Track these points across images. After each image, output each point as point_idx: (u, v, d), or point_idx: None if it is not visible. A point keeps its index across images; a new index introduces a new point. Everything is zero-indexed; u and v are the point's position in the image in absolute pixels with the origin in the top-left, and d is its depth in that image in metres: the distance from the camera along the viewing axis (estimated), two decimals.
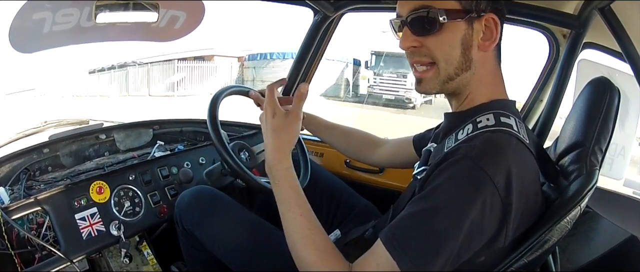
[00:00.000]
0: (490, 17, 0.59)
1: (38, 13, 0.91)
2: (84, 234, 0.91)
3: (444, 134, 0.68)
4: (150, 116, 1.43)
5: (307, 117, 1.10)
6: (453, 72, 0.61)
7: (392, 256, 0.52)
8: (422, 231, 0.52)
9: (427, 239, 0.52)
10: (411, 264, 0.51)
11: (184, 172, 1.16)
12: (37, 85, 10.61)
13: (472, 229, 0.51)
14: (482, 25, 0.60)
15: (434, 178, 0.55)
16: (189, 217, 0.92)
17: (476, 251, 0.53)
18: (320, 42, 1.34)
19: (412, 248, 0.52)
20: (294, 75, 1.38)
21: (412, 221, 0.54)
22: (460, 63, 0.61)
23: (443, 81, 0.62)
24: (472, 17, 0.59)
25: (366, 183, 1.35)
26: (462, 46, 0.60)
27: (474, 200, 0.51)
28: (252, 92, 1.07)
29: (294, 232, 0.62)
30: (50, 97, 10.05)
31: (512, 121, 0.58)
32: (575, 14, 1.02)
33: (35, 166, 1.11)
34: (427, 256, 0.51)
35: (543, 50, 1.23)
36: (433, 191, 0.54)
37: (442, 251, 0.51)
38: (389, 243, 0.53)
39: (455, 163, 0.53)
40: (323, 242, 0.61)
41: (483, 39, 0.60)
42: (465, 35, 0.60)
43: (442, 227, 0.52)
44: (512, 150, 0.54)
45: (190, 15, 1.14)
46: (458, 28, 0.59)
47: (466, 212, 0.51)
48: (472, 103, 0.64)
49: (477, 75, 0.62)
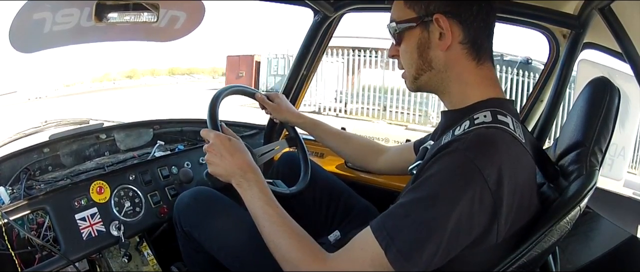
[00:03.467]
0: (438, 17, 0.62)
1: (38, 13, 0.91)
2: (84, 234, 0.91)
3: (442, 131, 0.70)
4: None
5: (312, 123, 1.12)
6: (415, 73, 0.68)
7: (380, 244, 0.53)
8: (410, 220, 0.53)
9: (415, 228, 0.53)
10: (398, 252, 0.52)
11: (184, 172, 1.16)
12: (19, 88, 10.61)
13: (461, 220, 0.51)
14: (436, 27, 0.63)
15: (425, 170, 0.56)
16: (188, 218, 0.92)
17: (467, 246, 0.54)
18: (320, 43, 1.34)
19: (400, 237, 0.53)
20: (294, 77, 1.38)
21: (402, 210, 0.55)
22: (418, 65, 0.66)
23: (412, 81, 0.69)
24: (425, 21, 0.64)
25: (366, 183, 1.35)
26: (418, 49, 0.66)
27: (462, 191, 0.51)
28: (258, 94, 1.08)
29: (272, 228, 0.67)
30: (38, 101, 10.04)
31: (509, 120, 0.59)
32: (575, 14, 1.02)
33: (36, 166, 1.11)
34: (414, 245, 0.52)
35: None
36: (423, 181, 0.55)
37: (430, 241, 0.51)
38: (379, 232, 0.54)
39: (446, 155, 0.54)
40: (302, 233, 0.66)
41: (441, 39, 0.63)
42: (421, 39, 0.65)
43: (430, 216, 0.52)
44: (505, 146, 0.55)
45: (191, 16, 1.14)
46: (413, 34, 0.66)
47: (455, 202, 0.51)
48: (465, 102, 0.65)
49: (452, 74, 0.65)
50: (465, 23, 0.62)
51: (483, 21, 0.63)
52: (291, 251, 0.63)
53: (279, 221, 0.68)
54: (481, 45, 0.64)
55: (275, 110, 1.11)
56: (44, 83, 11.35)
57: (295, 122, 1.13)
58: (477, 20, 0.63)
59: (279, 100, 1.12)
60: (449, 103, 0.68)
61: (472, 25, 0.63)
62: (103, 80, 18.14)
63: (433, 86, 0.68)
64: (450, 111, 0.68)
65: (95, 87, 15.90)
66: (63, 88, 12.94)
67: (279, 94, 1.15)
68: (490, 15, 0.64)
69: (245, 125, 1.51)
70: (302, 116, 1.13)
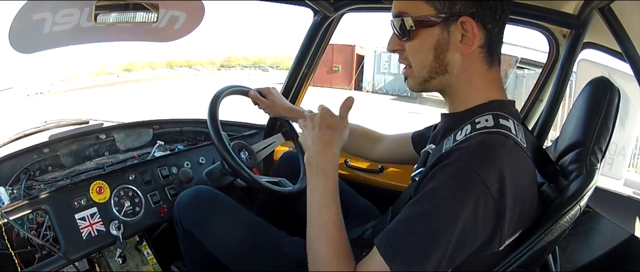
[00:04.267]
0: (465, 20, 0.58)
1: (38, 13, 0.91)
2: (83, 234, 0.91)
3: (443, 135, 0.68)
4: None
5: (304, 115, 1.11)
6: (427, 75, 0.63)
7: (385, 259, 0.53)
8: (414, 234, 0.53)
9: (419, 241, 0.52)
10: (402, 266, 0.52)
11: (183, 172, 1.16)
12: (15, 84, 10.53)
13: (465, 230, 0.51)
14: (459, 28, 0.59)
15: (427, 181, 0.55)
16: (188, 217, 0.92)
17: (470, 254, 0.53)
18: (320, 43, 1.34)
19: (403, 250, 0.52)
20: (294, 76, 1.38)
21: (405, 224, 0.55)
22: (433, 67, 0.62)
23: (420, 82, 0.64)
24: (447, 20, 0.59)
25: (366, 183, 1.35)
26: (435, 51, 0.60)
27: (466, 201, 0.51)
28: (252, 91, 1.07)
29: (321, 227, 0.63)
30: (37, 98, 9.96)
31: (511, 123, 0.58)
32: (575, 14, 1.02)
33: (35, 166, 1.11)
34: (418, 258, 0.51)
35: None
36: (426, 194, 0.54)
37: (434, 253, 0.51)
38: (383, 247, 0.54)
39: (448, 166, 0.53)
40: (345, 245, 0.62)
41: (462, 42, 0.59)
42: (440, 40, 0.60)
43: (434, 229, 0.52)
44: (507, 152, 0.54)
45: (190, 16, 1.14)
46: (431, 34, 0.60)
47: (458, 213, 0.50)
48: (468, 104, 0.63)
49: (463, 77, 0.62)
50: (487, 26, 0.59)
51: (502, 24, 0.61)
52: (320, 261, 0.62)
53: (324, 224, 0.63)
54: (495, 49, 0.62)
55: (268, 107, 1.10)
56: (39, 78, 11.27)
57: (288, 116, 1.12)
58: (498, 23, 0.60)
59: (273, 97, 1.10)
60: (452, 105, 0.66)
61: (493, 30, 0.60)
62: (100, 74, 17.93)
63: (440, 88, 0.65)
64: (451, 114, 0.67)
65: (99, 82, 15.68)
66: (61, 83, 12.80)
67: (271, 88, 1.13)
68: (507, 17, 0.62)
69: (245, 125, 1.51)
70: (294, 110, 1.12)
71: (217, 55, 24.18)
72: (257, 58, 28.99)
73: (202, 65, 26.20)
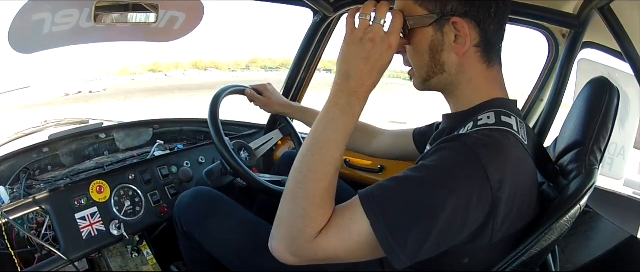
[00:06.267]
0: (456, 21, 0.57)
1: (38, 14, 0.91)
2: (84, 234, 0.91)
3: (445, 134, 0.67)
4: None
5: (300, 111, 1.11)
6: (425, 75, 0.63)
7: (367, 215, 0.51)
8: (403, 197, 0.51)
9: (407, 206, 0.50)
10: (386, 227, 0.49)
11: (183, 172, 1.16)
12: (32, 83, 10.52)
13: (456, 213, 0.49)
14: (452, 29, 0.58)
15: (427, 156, 0.54)
16: (188, 218, 0.92)
17: (460, 243, 0.52)
18: (319, 43, 1.34)
19: (387, 209, 0.50)
20: (293, 77, 1.38)
21: (395, 183, 0.52)
22: (430, 67, 0.62)
23: (421, 82, 0.65)
24: (440, 21, 0.58)
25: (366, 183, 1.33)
26: (430, 52, 0.60)
27: (463, 183, 0.50)
28: (248, 89, 1.08)
29: (321, 161, 0.56)
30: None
31: (513, 121, 0.58)
32: (574, 14, 1.02)
33: (35, 165, 1.11)
34: (403, 222, 0.49)
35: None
36: (423, 165, 0.53)
37: (420, 223, 0.49)
38: (366, 200, 0.51)
39: (451, 147, 0.53)
40: (333, 192, 0.57)
41: (456, 42, 0.59)
42: (434, 40, 0.60)
43: (425, 200, 0.50)
44: (510, 149, 0.54)
45: (190, 16, 1.14)
46: (425, 35, 0.60)
47: (452, 192, 0.49)
48: (469, 104, 0.63)
49: (463, 77, 0.62)
50: (482, 25, 0.58)
51: (499, 23, 0.60)
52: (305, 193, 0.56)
53: (326, 159, 0.56)
54: (493, 47, 0.61)
55: (265, 104, 1.10)
56: (55, 79, 11.25)
57: (284, 112, 1.12)
58: (493, 22, 0.59)
59: (269, 94, 1.10)
60: (454, 105, 0.66)
61: (488, 28, 0.59)
62: (124, 74, 17.87)
63: (442, 87, 0.65)
64: (453, 114, 0.67)
65: (149, 81, 15.07)
66: (110, 80, 12.54)
67: (267, 85, 1.12)
68: (505, 16, 0.61)
69: (245, 125, 1.51)
70: (290, 106, 1.12)
71: (242, 57, 24.35)
72: (283, 60, 28.90)
73: (228, 66, 26.27)
